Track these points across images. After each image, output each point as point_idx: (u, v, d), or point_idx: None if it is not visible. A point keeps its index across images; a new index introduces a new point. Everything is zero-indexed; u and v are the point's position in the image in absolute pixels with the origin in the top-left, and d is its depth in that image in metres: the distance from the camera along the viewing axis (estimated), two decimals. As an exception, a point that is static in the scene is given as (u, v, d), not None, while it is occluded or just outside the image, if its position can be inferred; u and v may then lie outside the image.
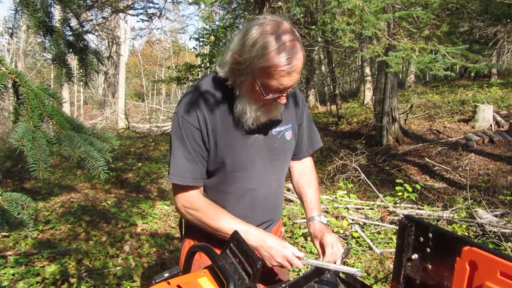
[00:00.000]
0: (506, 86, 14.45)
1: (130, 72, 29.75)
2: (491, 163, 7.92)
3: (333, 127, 12.88)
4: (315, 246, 1.61)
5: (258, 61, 1.30)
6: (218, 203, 1.56)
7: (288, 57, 1.28)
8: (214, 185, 1.57)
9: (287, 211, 5.16)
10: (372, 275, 3.68)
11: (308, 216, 1.72)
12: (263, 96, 1.36)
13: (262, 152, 1.55)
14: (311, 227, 1.67)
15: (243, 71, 1.36)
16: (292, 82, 1.35)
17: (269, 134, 1.56)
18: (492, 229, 4.28)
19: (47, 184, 6.62)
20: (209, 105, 1.47)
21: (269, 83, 1.33)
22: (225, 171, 1.52)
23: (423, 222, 1.26)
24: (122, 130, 14.32)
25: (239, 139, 1.50)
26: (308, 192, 1.77)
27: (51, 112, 0.94)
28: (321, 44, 11.49)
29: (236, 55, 1.37)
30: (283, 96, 1.40)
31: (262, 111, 1.44)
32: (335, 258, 1.49)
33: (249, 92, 1.40)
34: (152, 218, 5.15)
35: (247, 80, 1.38)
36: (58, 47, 1.19)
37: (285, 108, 1.59)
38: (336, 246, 1.51)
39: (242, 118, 1.45)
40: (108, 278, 3.52)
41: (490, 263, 1.01)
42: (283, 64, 1.28)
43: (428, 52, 5.06)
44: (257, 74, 1.33)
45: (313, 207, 1.73)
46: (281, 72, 1.30)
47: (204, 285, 1.16)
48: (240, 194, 1.57)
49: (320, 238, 1.57)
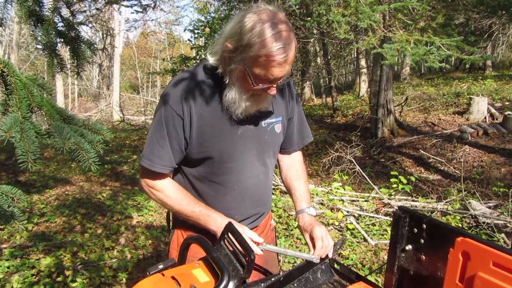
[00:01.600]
0: (500, 78, 14.50)
1: (125, 64, 29.57)
2: (485, 155, 7.96)
3: (328, 119, 12.89)
4: (305, 239, 1.60)
5: (250, 50, 1.28)
6: (206, 193, 1.55)
7: (281, 48, 1.26)
8: (203, 175, 1.55)
9: (283, 203, 5.17)
10: (366, 266, 3.70)
11: (297, 209, 1.71)
12: (253, 85, 1.34)
13: (251, 144, 1.53)
14: (300, 220, 1.67)
15: (234, 59, 1.34)
16: (283, 73, 1.33)
17: (259, 126, 1.53)
18: (485, 221, 4.31)
19: (42, 177, 6.59)
20: (197, 93, 1.44)
21: (260, 72, 1.31)
22: (212, 161, 1.50)
23: (417, 213, 1.26)
24: (117, 122, 14.27)
25: (227, 130, 1.48)
26: (296, 185, 1.76)
27: (40, 102, 0.93)
28: (316, 36, 11.46)
29: (227, 42, 1.34)
30: (273, 87, 1.38)
31: (251, 101, 1.41)
32: (325, 251, 1.48)
33: (239, 81, 1.38)
34: (148, 210, 5.14)
35: (238, 68, 1.35)
36: (48, 36, 1.17)
37: (276, 101, 1.57)
38: (326, 239, 1.50)
39: (231, 107, 1.42)
40: (103, 270, 3.51)
41: (483, 253, 1.01)
42: (275, 54, 1.26)
43: (423, 44, 5.06)
44: (248, 63, 1.31)
45: (302, 199, 1.72)
46: (272, 63, 1.28)
47: (199, 276, 1.16)
48: (228, 185, 1.55)
49: (310, 231, 1.56)
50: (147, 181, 1.53)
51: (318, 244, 1.49)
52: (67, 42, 1.29)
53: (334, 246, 1.51)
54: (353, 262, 3.78)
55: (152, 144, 1.47)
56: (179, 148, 1.48)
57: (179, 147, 1.48)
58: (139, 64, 29.84)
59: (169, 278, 1.11)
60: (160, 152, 1.46)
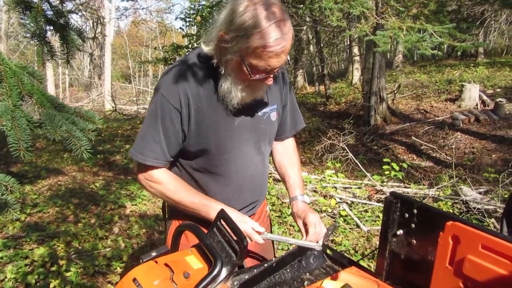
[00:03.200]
0: (492, 65, 14.56)
1: (116, 53, 29.27)
2: (477, 141, 8.03)
3: (321, 107, 12.89)
4: (298, 226, 1.61)
5: (246, 40, 1.25)
6: (206, 185, 1.55)
7: (277, 38, 1.24)
8: (202, 167, 1.54)
9: (276, 191, 5.20)
10: (359, 252, 3.75)
11: (291, 196, 1.72)
12: (249, 76, 1.32)
13: (248, 134, 1.52)
14: (294, 207, 1.67)
15: (230, 50, 1.31)
16: (280, 63, 1.31)
17: (255, 115, 1.52)
18: (476, 206, 4.37)
19: (34, 167, 6.56)
20: (194, 84, 1.42)
21: (256, 63, 1.29)
22: (210, 153, 1.49)
23: (408, 198, 1.27)
24: (109, 112, 14.17)
25: (224, 121, 1.47)
26: (290, 172, 1.76)
27: (30, 90, 0.92)
28: (309, 23, 11.41)
29: (222, 32, 1.31)
30: (270, 77, 1.36)
31: (247, 91, 1.40)
32: (317, 237, 1.49)
33: (235, 71, 1.36)
34: (141, 199, 5.14)
35: (234, 59, 1.32)
36: (37, 23, 1.15)
37: (270, 89, 1.56)
38: (319, 226, 1.51)
39: (226, 98, 1.41)
40: (97, 259, 3.52)
41: (472, 236, 1.02)
42: (272, 45, 1.24)
43: (416, 31, 5.06)
44: (245, 54, 1.28)
45: (296, 186, 1.72)
46: (270, 53, 1.26)
47: (192, 263, 1.17)
48: (227, 176, 1.55)
49: (303, 218, 1.56)
50: (144, 175, 1.52)
51: (311, 230, 1.50)
52: (56, 30, 1.27)
53: (326, 232, 1.53)
54: (346, 248, 3.82)
55: (146, 138, 1.46)
56: (176, 141, 1.46)
57: (176, 140, 1.46)
58: (131, 53, 29.54)
59: (162, 265, 1.12)
60: (153, 147, 1.45)
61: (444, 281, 1.10)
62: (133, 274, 1.09)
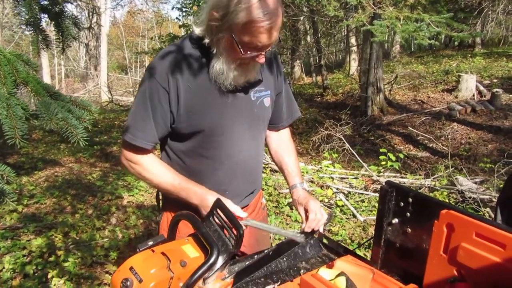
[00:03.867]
0: (489, 55, 14.54)
1: (112, 44, 29.04)
2: (473, 132, 8.06)
3: (318, 98, 12.88)
4: (299, 213, 1.61)
5: (236, 16, 1.25)
6: (196, 169, 1.54)
7: (268, 13, 1.24)
8: (191, 149, 1.53)
9: (273, 182, 5.21)
10: (355, 241, 3.77)
11: (290, 184, 1.72)
12: (241, 54, 1.32)
13: (241, 117, 1.52)
14: (294, 194, 1.67)
15: (221, 27, 1.31)
16: (272, 40, 1.31)
17: (248, 99, 1.52)
18: (471, 196, 4.40)
19: (31, 158, 6.54)
20: (184, 65, 1.42)
21: (247, 40, 1.29)
22: (202, 135, 1.48)
23: (404, 187, 1.28)
24: (106, 103, 14.10)
25: (216, 102, 1.46)
26: (288, 160, 1.76)
27: (25, 78, 0.91)
28: (306, 13, 11.35)
29: (213, 11, 1.31)
30: (262, 54, 1.36)
31: (239, 70, 1.40)
32: (318, 224, 1.50)
33: (226, 50, 1.36)
34: (138, 190, 5.15)
35: (225, 37, 1.33)
36: (31, 11, 1.14)
37: (264, 75, 1.56)
38: (319, 213, 1.52)
39: (218, 79, 1.40)
40: (95, 250, 3.54)
41: (466, 224, 1.04)
42: (262, 21, 1.24)
43: (413, 21, 5.04)
44: (235, 30, 1.29)
45: (295, 174, 1.72)
46: (260, 29, 1.26)
47: (188, 251, 1.17)
48: (218, 160, 1.54)
49: (305, 204, 1.57)
50: (126, 155, 1.49)
51: (311, 216, 1.51)
52: (51, 18, 1.26)
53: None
54: (342, 237, 3.85)
55: (136, 118, 1.45)
56: (163, 123, 1.45)
57: (163, 122, 1.45)
58: (127, 44, 29.34)
59: (159, 254, 1.12)
60: (143, 127, 1.44)
61: (439, 269, 1.11)
62: (130, 263, 1.09)
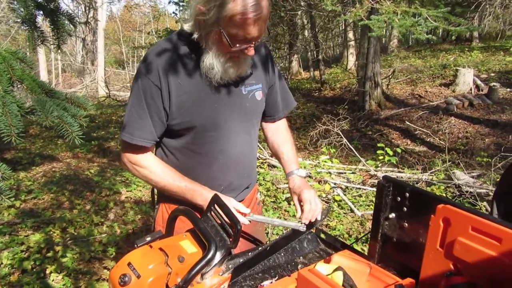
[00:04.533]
0: (487, 49, 14.54)
1: (109, 38, 28.93)
2: (470, 126, 8.08)
3: (316, 92, 12.87)
4: (294, 202, 1.62)
5: (223, 9, 1.26)
6: (190, 165, 1.54)
7: (253, 4, 1.24)
8: (184, 146, 1.53)
9: (271, 177, 5.22)
10: (353, 236, 3.79)
11: (286, 171, 1.72)
12: (230, 46, 1.32)
13: (233, 113, 1.52)
14: (290, 182, 1.67)
15: (208, 21, 1.31)
16: (260, 32, 1.31)
17: (239, 93, 1.52)
18: (468, 190, 4.41)
19: (28, 154, 6.52)
20: (174, 61, 1.42)
21: (235, 32, 1.29)
22: (195, 131, 1.49)
23: (400, 182, 1.29)
24: (103, 98, 14.07)
25: (208, 98, 1.46)
26: (284, 148, 1.76)
27: (21, 76, 0.91)
28: (303, 8, 11.31)
29: (200, 5, 1.31)
30: (251, 46, 1.36)
31: (230, 64, 1.40)
32: (313, 214, 1.50)
33: (215, 44, 1.36)
34: (136, 185, 5.14)
35: (213, 31, 1.33)
36: (27, 8, 1.13)
37: (255, 69, 1.56)
38: (314, 202, 1.52)
39: (209, 73, 1.41)
40: (93, 245, 3.54)
41: (462, 219, 1.04)
42: (248, 12, 1.24)
43: (411, 15, 5.03)
44: (223, 23, 1.29)
45: (291, 161, 1.72)
46: (247, 20, 1.26)
47: (186, 247, 1.18)
48: (212, 155, 1.54)
49: (299, 194, 1.57)
50: (129, 157, 1.50)
51: (306, 207, 1.51)
52: (46, 15, 1.26)
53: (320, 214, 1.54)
54: (340, 232, 3.86)
55: (131, 117, 1.44)
56: (159, 120, 1.45)
57: (159, 119, 1.45)
58: (124, 39, 29.19)
59: (157, 250, 1.13)
60: (140, 124, 1.44)
61: (435, 263, 1.12)
62: (128, 259, 1.10)
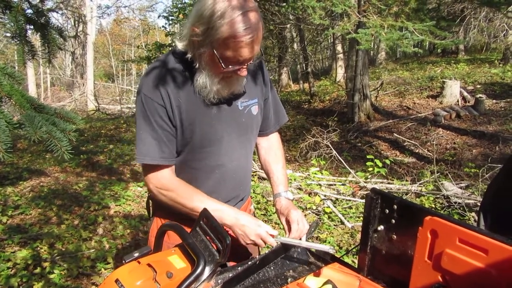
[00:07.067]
0: (472, 62, 14.80)
1: (99, 52, 28.87)
2: (458, 137, 8.18)
3: (306, 105, 12.95)
4: (281, 223, 1.62)
5: (216, 32, 1.27)
6: (187, 180, 1.54)
7: (247, 28, 1.25)
8: (182, 161, 1.54)
9: (261, 189, 5.21)
10: (344, 248, 3.79)
11: (274, 192, 1.73)
12: (222, 68, 1.34)
13: (229, 128, 1.54)
14: (277, 204, 1.68)
15: (202, 43, 1.33)
16: (252, 53, 1.32)
17: (235, 109, 1.54)
18: (457, 201, 4.45)
19: (15, 168, 6.44)
20: (171, 81, 1.43)
21: (228, 54, 1.31)
22: (192, 147, 1.50)
23: (389, 194, 1.30)
24: (92, 112, 13.99)
25: (204, 115, 1.48)
26: (275, 168, 1.77)
27: (9, 91, 0.91)
28: (292, 21, 11.44)
29: (194, 26, 1.33)
30: (244, 68, 1.37)
31: (223, 84, 1.42)
32: (300, 234, 1.51)
33: (208, 64, 1.38)
34: (125, 200, 5.10)
35: (206, 52, 1.34)
36: (17, 23, 1.13)
37: (250, 83, 1.57)
38: (301, 223, 1.52)
39: (202, 92, 1.42)
40: (82, 261, 3.49)
41: (449, 231, 1.05)
42: (241, 35, 1.26)
43: (397, 29, 5.12)
44: (216, 45, 1.30)
45: (280, 183, 1.73)
46: (240, 43, 1.27)
47: (175, 262, 1.17)
48: (209, 170, 1.56)
49: (286, 214, 1.58)
50: (154, 182, 1.50)
51: (293, 227, 1.52)
52: (36, 29, 1.26)
53: (309, 229, 1.54)
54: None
55: (145, 140, 1.45)
56: (172, 137, 1.47)
57: (171, 136, 1.46)
58: (113, 52, 29.20)
59: (145, 266, 1.12)
60: (156, 145, 1.44)
61: (424, 275, 1.13)
62: (116, 275, 1.09)
